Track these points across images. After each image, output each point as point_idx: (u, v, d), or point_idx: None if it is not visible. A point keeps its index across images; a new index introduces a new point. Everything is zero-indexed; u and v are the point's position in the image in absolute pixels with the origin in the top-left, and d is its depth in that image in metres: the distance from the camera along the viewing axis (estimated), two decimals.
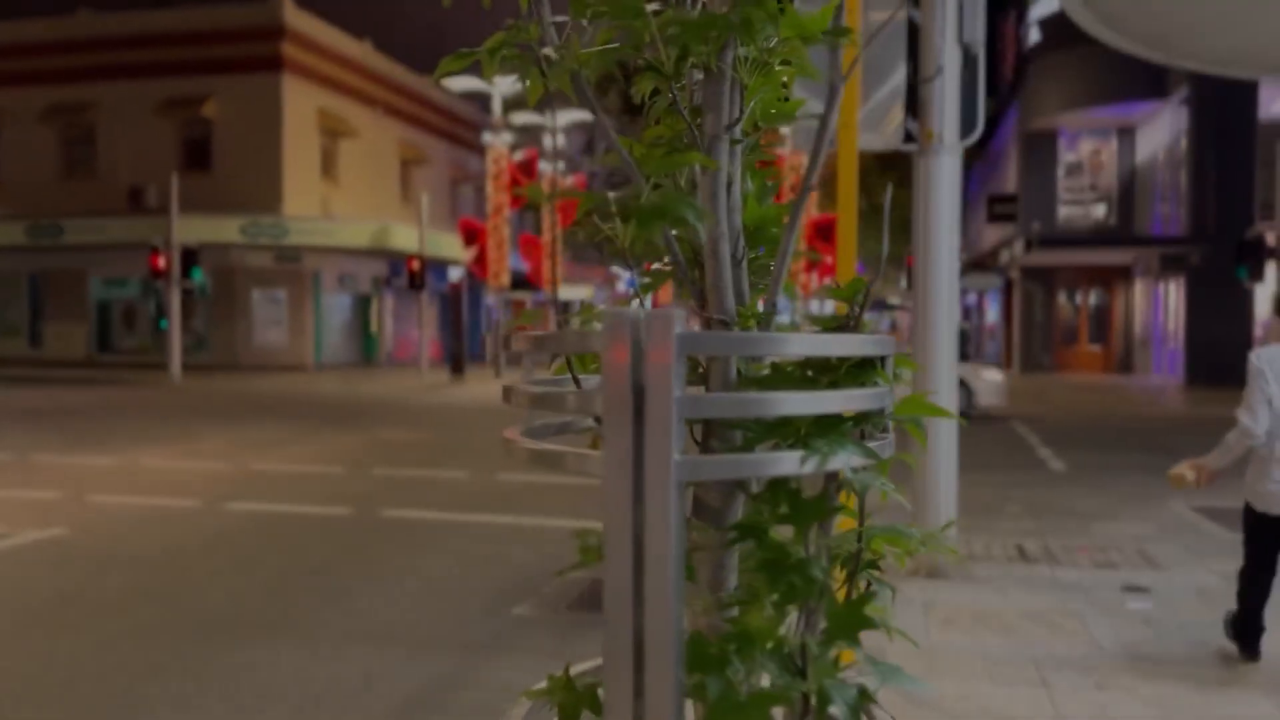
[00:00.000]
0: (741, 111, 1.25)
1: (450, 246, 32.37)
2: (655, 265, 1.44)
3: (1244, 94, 28.06)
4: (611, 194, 1.20)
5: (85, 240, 30.33)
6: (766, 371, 1.21)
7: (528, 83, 1.28)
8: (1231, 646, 4.94)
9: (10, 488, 10.10)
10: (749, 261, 1.24)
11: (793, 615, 1.18)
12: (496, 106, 29.96)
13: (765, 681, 1.12)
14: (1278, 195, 23.02)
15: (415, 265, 27.70)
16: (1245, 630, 4.84)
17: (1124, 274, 35.50)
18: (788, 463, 1.05)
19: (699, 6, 1.21)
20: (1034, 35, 33.90)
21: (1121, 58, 19.58)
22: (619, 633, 0.99)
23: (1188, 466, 4.79)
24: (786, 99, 1.31)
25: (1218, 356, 24.79)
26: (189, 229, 26.97)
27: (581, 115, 36.47)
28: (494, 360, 30.67)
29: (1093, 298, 36.67)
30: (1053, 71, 32.62)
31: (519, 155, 30.85)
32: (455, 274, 29.79)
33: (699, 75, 1.30)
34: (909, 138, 6.27)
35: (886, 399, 1.14)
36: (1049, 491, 10.19)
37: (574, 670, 1.45)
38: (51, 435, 14.59)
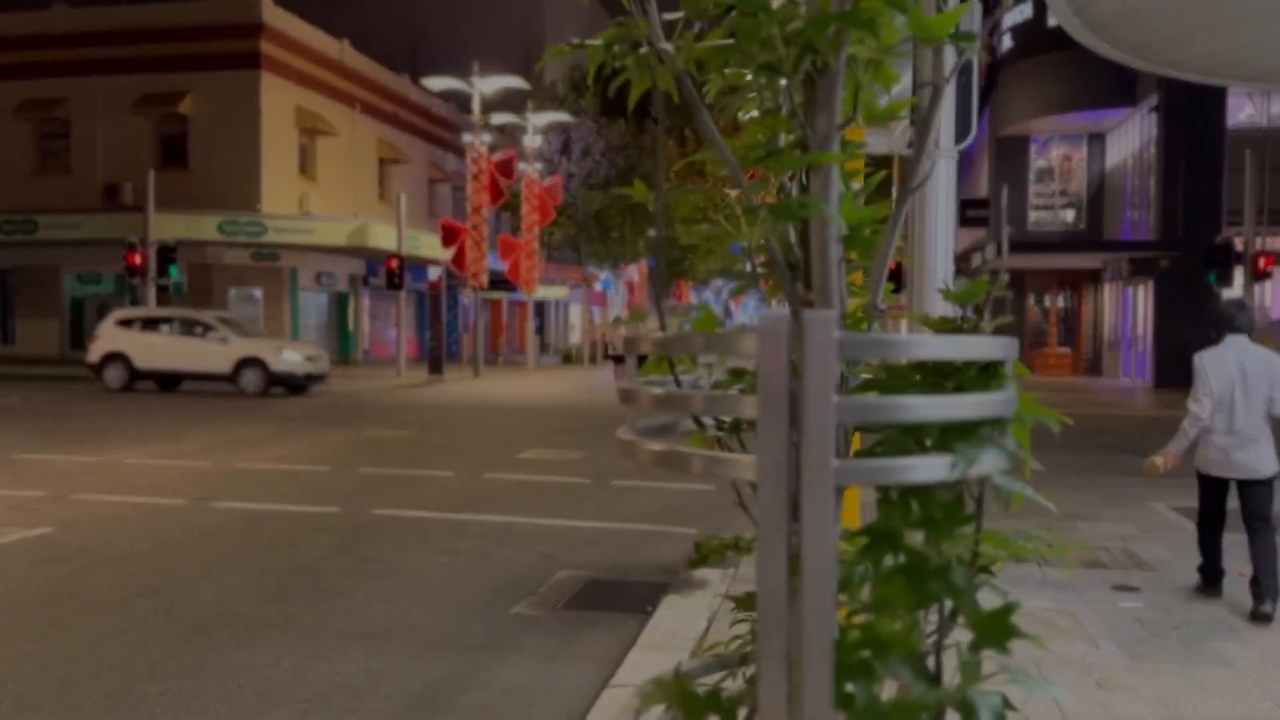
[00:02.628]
0: (855, 110, 1.27)
1: (428, 246, 32.23)
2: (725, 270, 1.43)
3: (1213, 102, 28.40)
4: (730, 195, 1.20)
5: (59, 237, 29.95)
6: (869, 375, 1.22)
7: (619, 80, 1.30)
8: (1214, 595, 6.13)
9: None
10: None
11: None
12: (476, 106, 29.87)
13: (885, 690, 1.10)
14: (1246, 201, 23.31)
15: (394, 264, 27.57)
16: (1208, 572, 6.17)
17: (1093, 278, 35.85)
18: (938, 467, 1.05)
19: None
20: (1006, 42, 34.21)
21: (1092, 65, 19.79)
22: (774, 639, 0.98)
23: (1157, 456, 6.03)
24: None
25: (1186, 359, 24.88)
26: (165, 226, 26.71)
27: (559, 116, 36.47)
28: (472, 360, 30.54)
29: (1061, 301, 37.04)
30: (1024, 78, 32.94)
31: (498, 155, 30.77)
32: (435, 273, 29.68)
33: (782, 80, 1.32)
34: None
35: (1013, 402, 1.14)
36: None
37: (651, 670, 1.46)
38: (29, 433, 14.42)
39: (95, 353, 22.43)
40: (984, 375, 1.13)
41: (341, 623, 5.81)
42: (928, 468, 1.05)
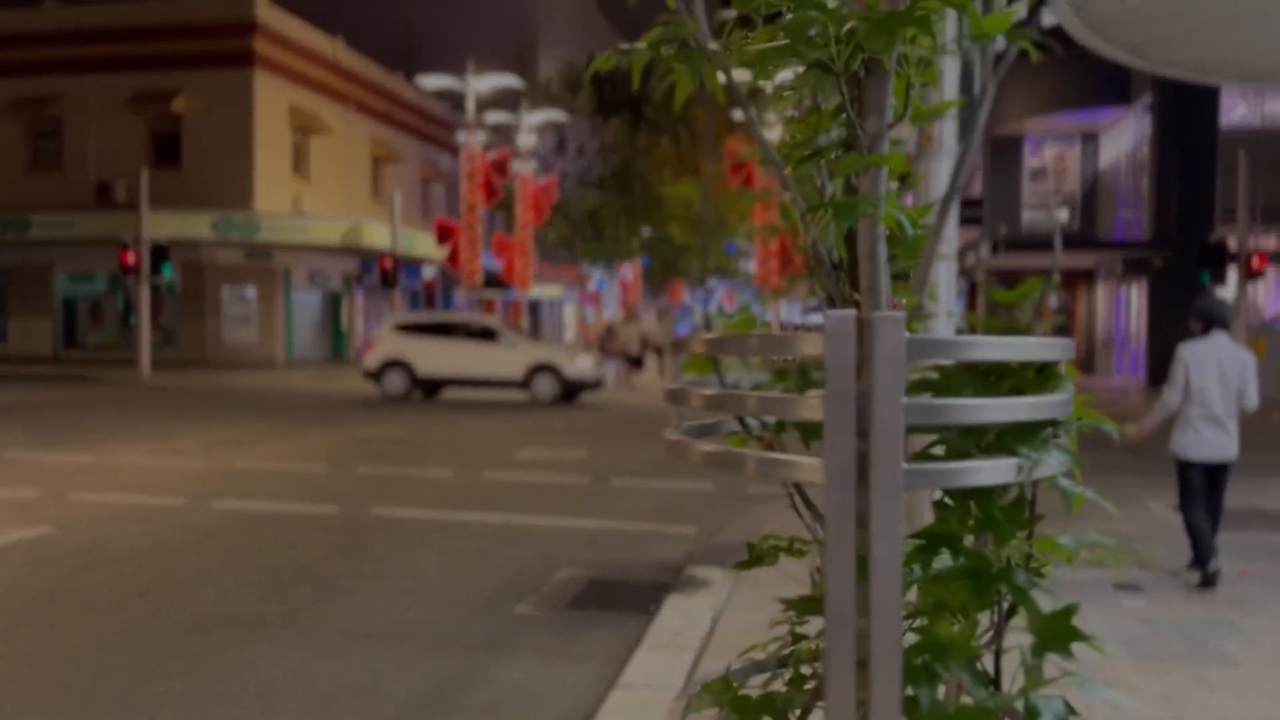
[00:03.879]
0: (906, 109, 1.25)
1: (422, 244, 32.18)
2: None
3: (1206, 101, 28.48)
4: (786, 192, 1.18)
5: (52, 235, 29.85)
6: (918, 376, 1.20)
7: (666, 79, 1.28)
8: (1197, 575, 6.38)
9: None
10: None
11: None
12: (471, 105, 29.81)
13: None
14: (1240, 201, 23.36)
15: (388, 263, 27.51)
16: (1198, 556, 6.37)
17: (1087, 277, 35.92)
18: (1004, 470, 1.03)
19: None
20: (999, 42, 34.27)
21: (1086, 65, 19.83)
22: (842, 643, 0.96)
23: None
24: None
25: None
26: (159, 225, 26.63)
27: (554, 115, 36.43)
28: None
29: (1055, 300, 37.14)
30: (1018, 77, 33.00)
31: (492, 154, 30.72)
32: (429, 272, 29.62)
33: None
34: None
35: (1071, 404, 1.12)
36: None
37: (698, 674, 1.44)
38: (24, 433, 14.35)
39: (374, 360, 21.24)
40: (1041, 376, 1.11)
41: (343, 622, 5.78)
42: (995, 470, 1.03)
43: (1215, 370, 6.45)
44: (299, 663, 5.07)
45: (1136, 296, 30.60)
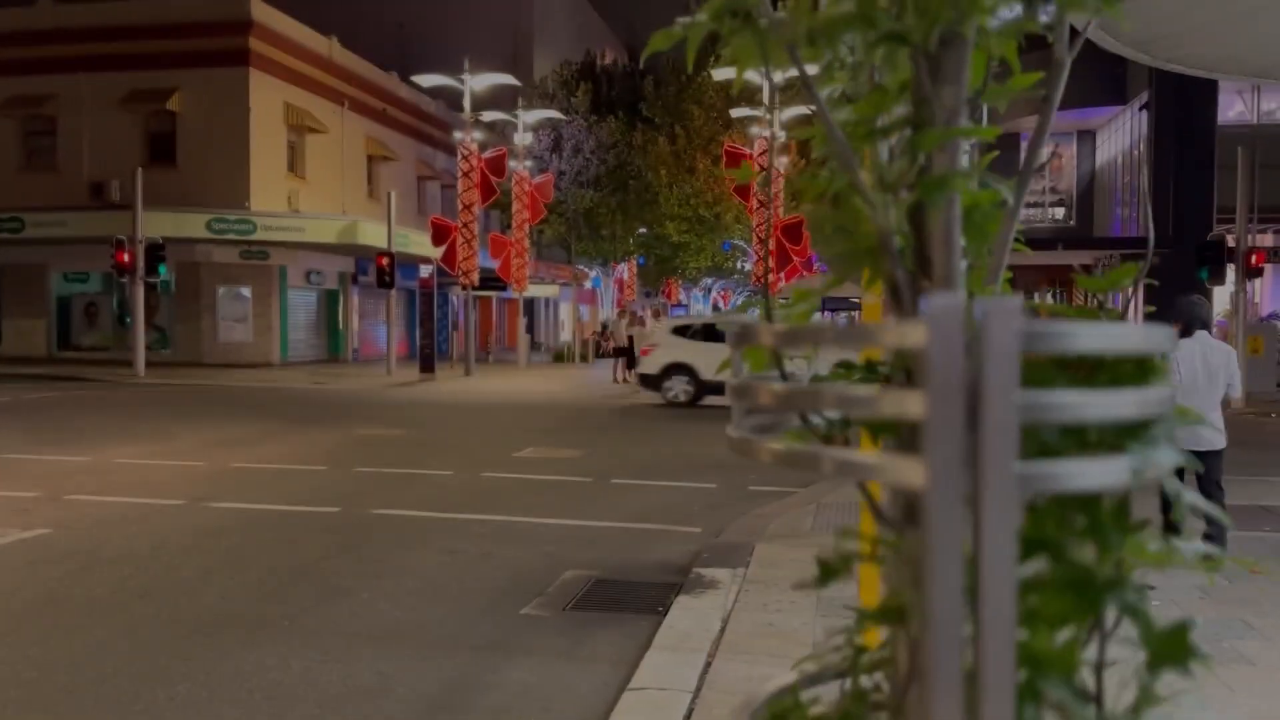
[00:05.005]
0: (985, 83, 1.19)
1: (418, 243, 32.07)
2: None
3: (1204, 99, 28.51)
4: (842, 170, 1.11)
5: (46, 235, 29.66)
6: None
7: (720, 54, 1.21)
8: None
9: None
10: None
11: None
12: (467, 104, 29.73)
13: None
14: (1238, 198, 23.36)
15: (384, 262, 27.40)
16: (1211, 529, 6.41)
17: (1085, 273, 35.92)
18: (1119, 470, 0.95)
19: None
20: None
21: (1083, 62, 19.77)
22: (948, 663, 0.88)
23: None
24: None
25: None
26: (154, 224, 26.48)
27: (549, 113, 36.34)
28: (463, 358, 30.39)
29: (1051, 299, 37.16)
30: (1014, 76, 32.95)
31: (488, 153, 30.63)
32: (426, 271, 29.52)
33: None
34: None
35: (1171, 399, 1.06)
36: None
37: (772, 685, 1.36)
38: (20, 433, 14.25)
39: (655, 364, 20.49)
40: (1140, 369, 1.04)
41: (348, 624, 5.71)
42: (1112, 471, 0.96)
43: (1202, 366, 6.76)
44: (305, 665, 5.00)
45: (1133, 295, 30.59)
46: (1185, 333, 6.86)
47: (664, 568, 7.11)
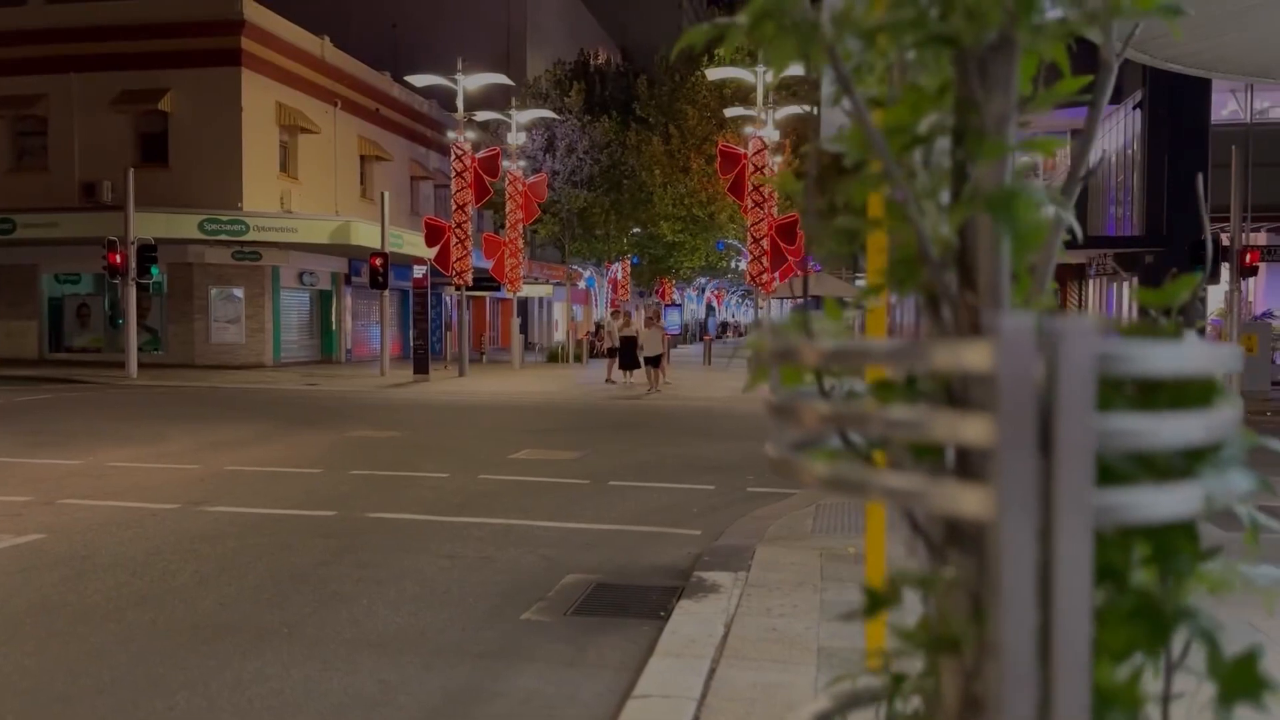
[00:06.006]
0: (1037, 88, 1.15)
1: (411, 244, 31.97)
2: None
3: (1197, 98, 28.52)
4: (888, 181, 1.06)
5: (37, 236, 29.49)
6: None
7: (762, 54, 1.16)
8: None
9: None
10: None
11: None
12: (460, 103, 29.64)
13: None
14: (1232, 197, 23.39)
15: (378, 263, 27.29)
16: None
17: (1078, 273, 35.94)
18: (1194, 497, 0.90)
19: None
20: None
21: (1075, 61, 19.83)
22: (1018, 705, 0.83)
23: None
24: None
25: None
26: (146, 225, 26.37)
27: (543, 113, 36.27)
28: (456, 358, 30.30)
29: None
30: None
31: (482, 153, 30.55)
32: (420, 271, 29.41)
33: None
34: None
35: (1239, 420, 1.01)
36: None
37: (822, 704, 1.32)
38: (12, 436, 14.15)
39: None
40: (1205, 389, 0.99)
41: (348, 630, 5.65)
42: (1185, 498, 0.91)
43: None
44: (306, 673, 4.94)
45: (1128, 294, 30.64)
46: None
47: (665, 571, 7.06)
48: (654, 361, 23.75)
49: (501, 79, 31.60)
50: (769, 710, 4.31)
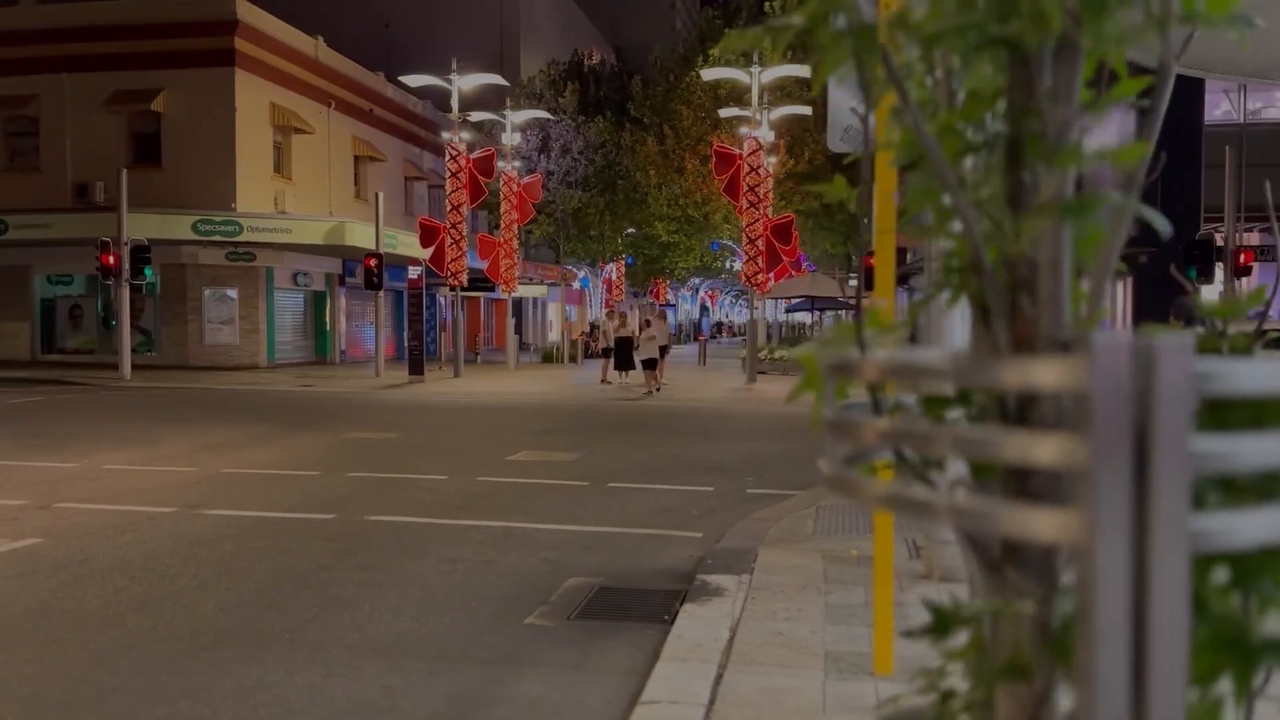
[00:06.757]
0: (1101, 92, 1.11)
1: (406, 244, 31.91)
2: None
3: (1191, 97, 28.55)
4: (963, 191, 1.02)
5: (29, 237, 29.36)
6: None
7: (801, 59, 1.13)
8: None
9: None
10: None
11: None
12: (455, 104, 29.57)
13: None
14: (1226, 197, 23.42)
15: (373, 263, 27.21)
16: None
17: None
18: (1276, 520, 0.87)
19: None
20: None
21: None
22: None
23: None
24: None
25: None
26: (139, 226, 26.26)
27: (538, 113, 36.21)
28: (451, 359, 30.23)
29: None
30: None
31: (477, 153, 30.49)
32: (415, 272, 29.34)
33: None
34: None
35: None
36: None
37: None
38: (6, 439, 14.06)
39: None
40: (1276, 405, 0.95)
41: (351, 636, 5.61)
42: (1274, 521, 0.86)
43: None
44: (310, 680, 4.90)
45: (1122, 294, 30.68)
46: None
47: (667, 574, 7.02)
48: (650, 364, 23.70)
49: (496, 79, 31.55)
50: (777, 715, 4.28)
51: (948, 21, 1.02)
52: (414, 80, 30.66)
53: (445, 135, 30.34)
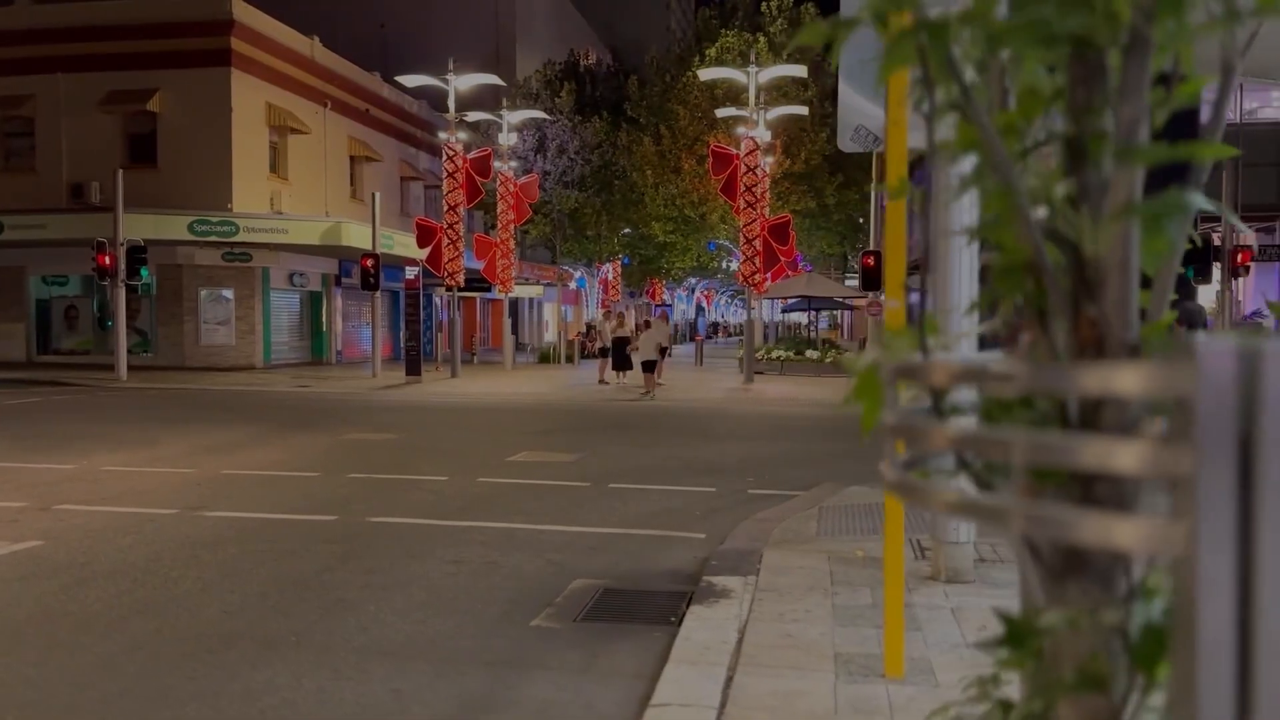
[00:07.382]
0: (1169, 89, 1.09)
1: (402, 244, 31.86)
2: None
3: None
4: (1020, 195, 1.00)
5: (24, 237, 29.26)
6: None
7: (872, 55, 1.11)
8: None
9: None
10: None
11: None
12: (452, 104, 29.53)
13: None
14: (1223, 198, 23.46)
15: (369, 264, 27.16)
16: None
17: None
18: None
19: None
20: None
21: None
22: None
23: None
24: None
25: None
26: (135, 226, 26.19)
27: (534, 113, 36.17)
28: (448, 359, 30.18)
29: None
30: None
31: (473, 154, 30.45)
32: (412, 272, 29.29)
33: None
34: None
35: None
36: None
37: None
38: (3, 440, 14.00)
39: None
40: None
41: (357, 638, 5.58)
42: None
43: None
44: (318, 683, 4.87)
45: None
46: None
47: (672, 575, 7.00)
48: (649, 366, 23.65)
49: (492, 79, 31.51)
50: (790, 718, 4.26)
51: (1018, 18, 1.00)
52: (410, 80, 30.60)
53: (441, 135, 30.29)
